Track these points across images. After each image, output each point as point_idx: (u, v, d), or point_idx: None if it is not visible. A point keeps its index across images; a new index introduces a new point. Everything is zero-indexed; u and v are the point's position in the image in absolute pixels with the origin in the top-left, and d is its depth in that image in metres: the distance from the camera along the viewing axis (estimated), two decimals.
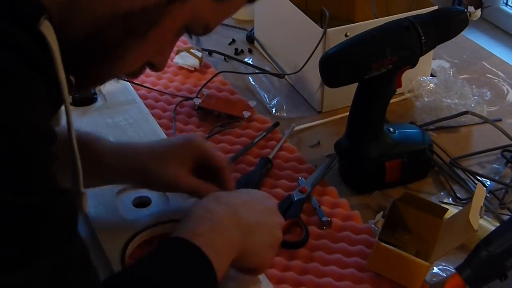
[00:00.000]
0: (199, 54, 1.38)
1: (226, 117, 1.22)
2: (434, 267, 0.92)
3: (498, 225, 0.94)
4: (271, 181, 1.07)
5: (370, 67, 0.97)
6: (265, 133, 1.17)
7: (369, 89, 1.01)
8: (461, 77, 1.32)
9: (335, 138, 1.09)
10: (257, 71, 1.35)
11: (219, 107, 1.23)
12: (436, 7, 1.20)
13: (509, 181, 1.08)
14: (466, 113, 1.17)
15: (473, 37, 1.55)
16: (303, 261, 0.92)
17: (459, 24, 1.03)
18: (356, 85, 1.01)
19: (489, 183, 1.07)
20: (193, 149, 0.90)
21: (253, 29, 1.48)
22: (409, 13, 1.08)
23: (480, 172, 1.10)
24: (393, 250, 0.88)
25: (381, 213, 0.94)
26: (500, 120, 1.22)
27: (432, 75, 1.32)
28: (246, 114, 1.21)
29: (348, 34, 1.16)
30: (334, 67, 0.99)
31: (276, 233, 0.83)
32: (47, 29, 0.58)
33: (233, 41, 1.49)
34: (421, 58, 1.01)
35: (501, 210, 1.02)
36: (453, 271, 0.88)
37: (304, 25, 1.23)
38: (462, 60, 1.42)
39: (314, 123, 1.22)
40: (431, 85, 1.27)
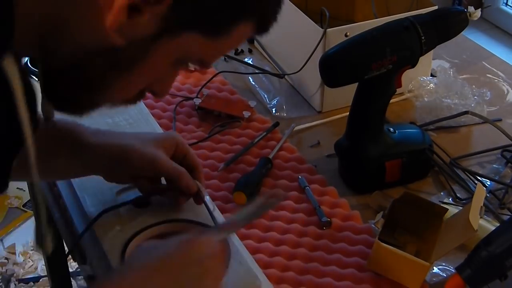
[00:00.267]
0: None
1: (226, 117, 1.21)
2: (434, 267, 0.92)
3: (498, 225, 0.94)
4: (271, 181, 1.07)
5: (370, 67, 0.97)
6: (265, 133, 1.17)
7: (369, 89, 1.01)
8: (461, 77, 1.32)
9: (335, 138, 1.09)
10: (257, 71, 1.35)
11: (219, 107, 1.23)
12: (436, 7, 1.20)
13: (509, 181, 1.08)
14: (466, 113, 1.18)
15: (473, 37, 1.55)
16: (303, 261, 0.92)
17: (459, 24, 1.03)
18: (356, 85, 1.01)
19: (489, 183, 1.07)
20: (175, 142, 0.92)
21: None
22: (409, 13, 1.08)
23: (480, 172, 1.10)
24: (393, 250, 0.88)
25: (381, 213, 0.94)
26: (500, 120, 1.22)
27: (432, 75, 1.32)
28: (246, 114, 1.21)
29: (348, 34, 1.16)
30: (334, 67, 0.99)
31: None
32: (10, 65, 0.59)
33: None
34: (421, 58, 1.01)
35: (501, 210, 1.02)
36: (453, 271, 0.88)
37: (304, 25, 1.23)
38: (462, 60, 1.42)
39: (314, 123, 1.22)
40: (431, 85, 1.27)
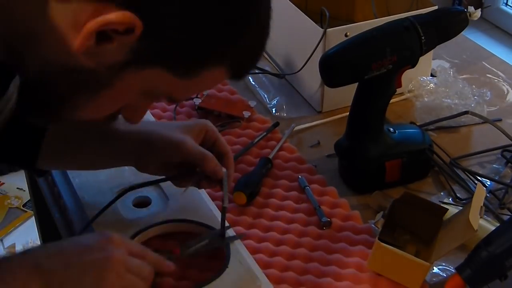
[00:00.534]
0: None
1: (226, 117, 1.21)
2: (434, 267, 0.92)
3: (498, 225, 0.94)
4: (271, 181, 1.07)
5: (370, 67, 0.97)
6: (265, 133, 1.17)
7: (369, 89, 1.01)
8: (461, 77, 1.32)
9: (335, 138, 1.08)
10: (257, 71, 1.35)
11: (219, 107, 1.23)
12: (436, 7, 1.20)
13: (509, 181, 1.08)
14: (466, 113, 1.18)
15: (473, 37, 1.55)
16: (303, 261, 0.92)
17: (459, 24, 1.03)
18: (356, 85, 1.01)
19: (489, 183, 1.07)
20: (205, 128, 0.93)
21: None
22: (409, 13, 1.08)
23: (480, 172, 1.10)
24: (393, 250, 0.88)
25: (381, 213, 0.94)
26: (500, 120, 1.22)
27: (432, 75, 1.32)
28: (246, 114, 1.21)
29: (348, 34, 1.16)
30: (334, 67, 0.99)
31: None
32: None
33: None
34: (421, 58, 1.01)
35: (501, 210, 1.02)
36: (453, 271, 0.88)
37: (304, 25, 1.23)
38: (462, 60, 1.42)
39: (314, 123, 1.22)
40: (431, 85, 1.27)
